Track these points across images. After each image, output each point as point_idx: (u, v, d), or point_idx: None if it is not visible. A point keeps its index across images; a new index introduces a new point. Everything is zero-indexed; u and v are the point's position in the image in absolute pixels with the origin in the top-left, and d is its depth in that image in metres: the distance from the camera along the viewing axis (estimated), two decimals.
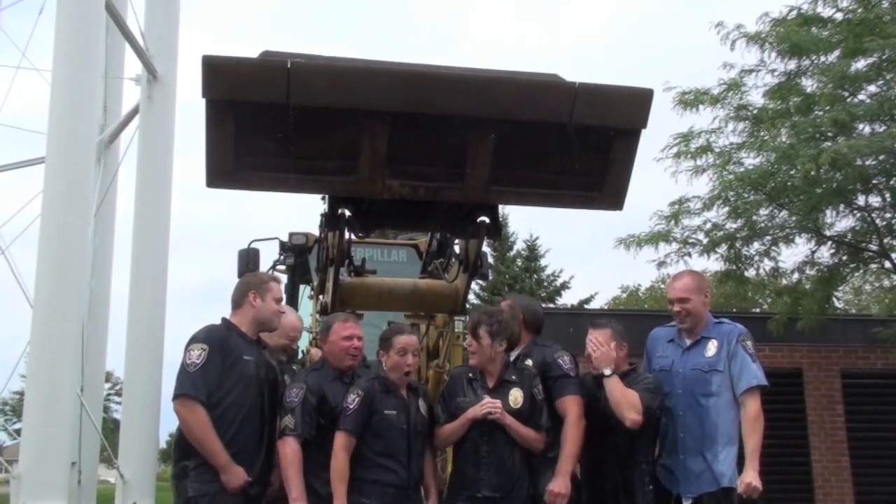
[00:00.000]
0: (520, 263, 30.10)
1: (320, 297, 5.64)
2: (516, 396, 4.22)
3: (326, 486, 4.02)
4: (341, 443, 4.03)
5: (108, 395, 39.41)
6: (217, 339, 4.09)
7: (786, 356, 12.97)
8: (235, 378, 4.06)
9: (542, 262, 30.20)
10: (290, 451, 4.04)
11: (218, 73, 3.61)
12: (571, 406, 4.35)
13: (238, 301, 4.29)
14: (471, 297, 28.62)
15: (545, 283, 29.69)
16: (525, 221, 57.31)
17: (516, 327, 4.47)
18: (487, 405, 4.15)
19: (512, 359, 4.42)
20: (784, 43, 10.06)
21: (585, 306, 27.32)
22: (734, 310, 19.11)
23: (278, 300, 4.36)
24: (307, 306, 6.87)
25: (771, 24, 10.29)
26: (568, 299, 29.54)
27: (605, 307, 29.18)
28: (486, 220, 4.45)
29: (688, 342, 4.54)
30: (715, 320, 4.61)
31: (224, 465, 3.92)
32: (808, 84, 10.46)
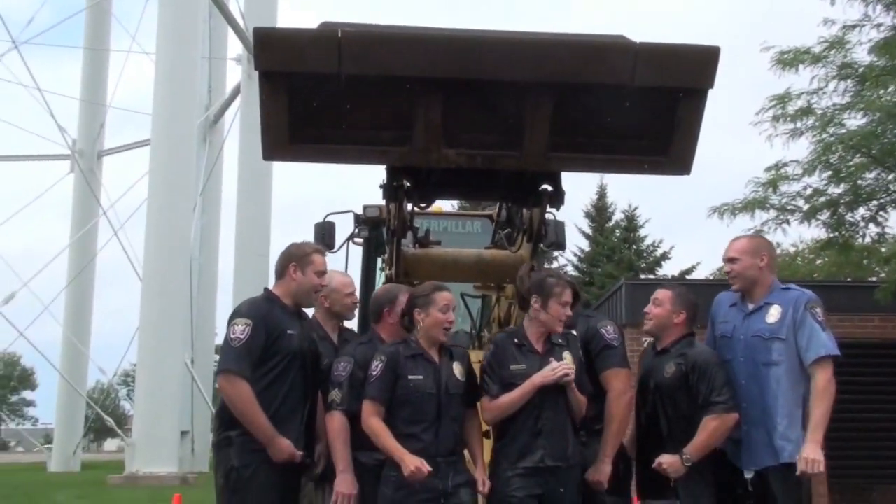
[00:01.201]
0: (618, 234, 29.64)
1: (387, 269, 5.67)
2: (568, 359, 4.09)
3: (373, 458, 3.99)
4: (369, 411, 3.92)
5: None
6: (260, 314, 4.08)
7: None
8: (279, 352, 4.05)
9: (642, 232, 29.70)
10: (337, 424, 4.02)
11: (270, 44, 3.62)
12: (614, 380, 4.20)
13: (280, 272, 4.27)
14: (569, 269, 28.51)
15: (644, 254, 29.17)
16: (624, 191, 56.52)
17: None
18: (562, 368, 3.98)
19: (576, 336, 4.28)
20: None
21: (687, 277, 26.69)
22: (849, 279, 18.32)
23: (320, 273, 4.26)
24: (382, 279, 6.92)
25: None
26: (668, 270, 28.93)
27: (711, 277, 28.40)
28: (548, 187, 4.35)
29: (750, 307, 4.33)
30: (782, 286, 4.37)
31: (270, 438, 3.93)
32: None
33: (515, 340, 4.13)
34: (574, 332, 4.24)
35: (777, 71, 10.31)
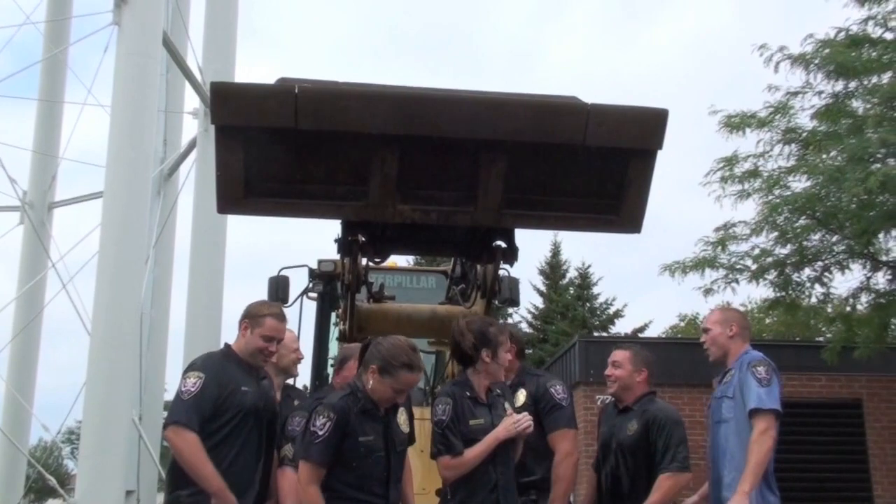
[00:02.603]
0: (572, 292, 29.85)
1: (341, 323, 5.65)
2: (509, 409, 4.05)
3: None
4: (310, 476, 3.57)
5: None
6: (214, 369, 4.05)
7: (844, 386, 12.61)
8: (231, 409, 4.00)
9: (595, 290, 29.95)
10: (289, 481, 3.97)
11: (226, 99, 3.64)
12: (562, 441, 4.23)
13: (238, 326, 4.27)
14: (523, 326, 28.56)
15: (598, 312, 29.38)
16: (578, 249, 57.09)
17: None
18: (524, 421, 3.92)
19: (508, 386, 4.29)
20: (831, 64, 9.86)
21: (639, 335, 26.92)
22: (797, 339, 18.63)
23: (267, 338, 4.21)
24: (336, 334, 6.90)
25: (817, 45, 10.09)
26: (621, 328, 29.17)
27: (663, 335, 28.70)
28: (502, 244, 4.40)
29: (722, 375, 4.54)
30: (744, 352, 4.50)
31: (217, 490, 3.86)
32: (857, 105, 10.22)
33: (468, 393, 4.04)
34: (505, 384, 4.25)
35: (724, 133, 10.65)
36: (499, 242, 4.40)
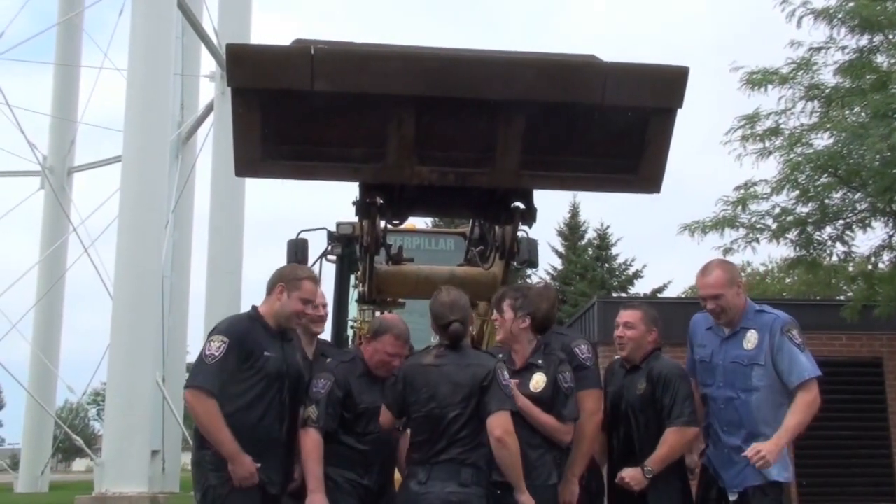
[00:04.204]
0: (591, 252, 29.79)
1: (360, 286, 5.67)
2: (538, 381, 4.10)
3: (344, 476, 4.04)
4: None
5: None
6: (238, 333, 4.06)
7: (864, 345, 12.55)
8: (254, 374, 4.02)
9: (614, 250, 29.87)
10: (310, 442, 4.01)
11: (242, 61, 3.63)
12: (587, 400, 4.22)
13: (269, 290, 4.25)
14: (542, 283, 28.51)
15: (617, 273, 29.33)
16: (596, 210, 56.80)
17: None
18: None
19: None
20: (855, 18, 9.66)
21: (659, 295, 26.88)
22: (817, 297, 18.54)
23: (305, 301, 4.23)
24: (355, 296, 6.91)
25: None
26: (640, 288, 29.11)
27: (682, 295, 28.62)
28: (521, 205, 4.38)
29: (726, 332, 4.35)
30: (756, 307, 4.37)
31: (232, 454, 3.89)
32: (882, 61, 10.03)
33: (500, 356, 4.16)
34: (561, 355, 4.24)
35: (746, 91, 10.50)
36: (517, 203, 4.38)
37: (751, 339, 4.24)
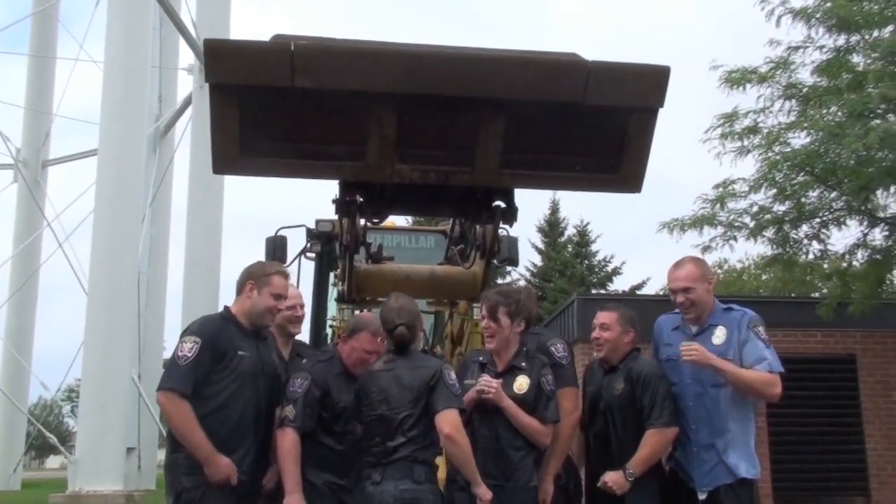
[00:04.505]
0: (570, 249, 29.88)
1: (340, 284, 5.63)
2: (521, 383, 4.10)
3: (322, 479, 4.00)
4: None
5: None
6: (210, 333, 4.01)
7: (839, 342, 12.64)
8: (228, 374, 3.97)
9: (594, 247, 29.98)
10: (287, 442, 3.96)
11: (221, 56, 3.58)
12: (563, 399, 4.23)
13: (239, 289, 4.21)
14: (521, 283, 28.63)
15: (596, 270, 29.44)
16: (576, 207, 57.03)
17: (534, 307, 4.36)
18: (482, 383, 4.05)
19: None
20: (832, 18, 9.74)
21: (637, 292, 27.00)
22: (793, 295, 18.69)
23: (276, 296, 4.20)
24: (334, 294, 6.88)
25: None
26: (619, 285, 29.26)
27: (661, 292, 28.78)
28: (501, 204, 4.37)
29: (694, 329, 4.37)
30: (723, 306, 4.42)
31: (206, 456, 3.84)
32: (859, 61, 10.12)
33: (480, 359, 4.21)
34: (543, 358, 4.26)
35: (725, 89, 10.56)
36: (498, 202, 4.36)
37: (719, 334, 4.27)
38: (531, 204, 31.78)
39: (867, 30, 9.90)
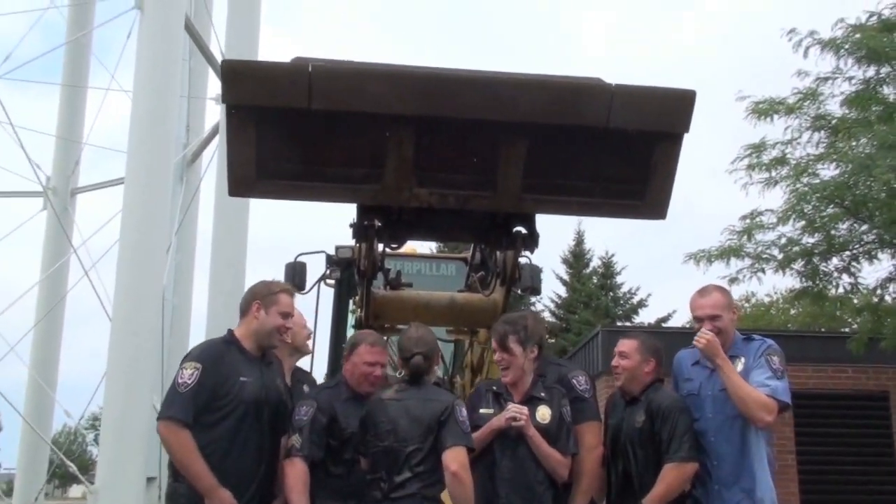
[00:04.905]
0: (595, 281, 29.68)
1: (358, 311, 5.56)
2: (544, 413, 3.98)
3: None
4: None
5: None
6: (212, 358, 3.90)
7: (871, 378, 12.39)
8: (230, 401, 3.86)
9: (619, 279, 29.76)
10: (294, 472, 3.85)
11: (238, 77, 3.55)
12: (586, 434, 4.11)
13: (244, 310, 4.10)
14: (546, 315, 28.40)
15: (621, 301, 29.19)
16: (601, 238, 56.86)
17: (543, 331, 4.25)
18: (513, 410, 3.92)
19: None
20: (862, 49, 9.62)
21: (663, 324, 26.69)
22: (823, 329, 18.38)
23: (284, 315, 4.11)
24: (353, 321, 6.80)
25: (847, 30, 9.85)
26: (645, 317, 28.94)
27: (687, 325, 28.44)
28: (522, 230, 4.28)
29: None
30: (742, 336, 4.30)
31: (208, 488, 3.72)
32: (889, 92, 9.97)
33: (494, 388, 4.09)
34: (561, 389, 4.15)
35: (752, 120, 10.44)
36: (519, 228, 4.28)
37: (739, 366, 4.14)
38: (556, 235, 31.62)
39: None
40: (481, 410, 4.02)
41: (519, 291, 5.61)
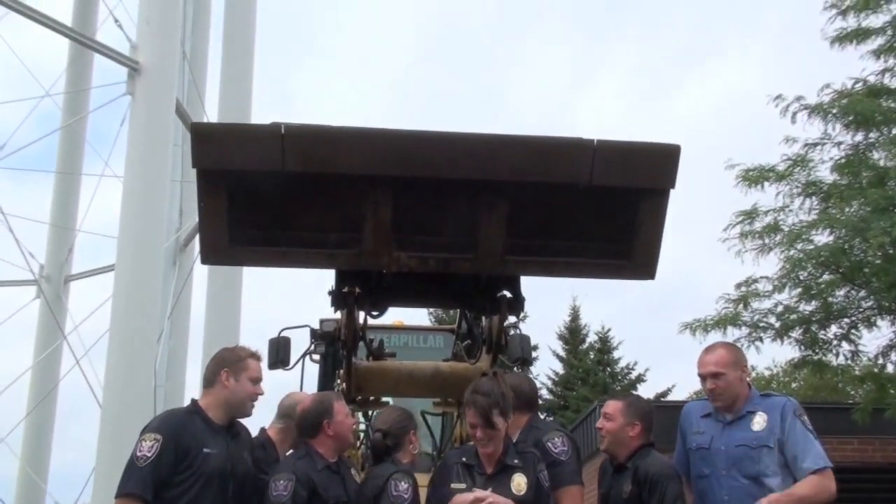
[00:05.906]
0: (592, 356, 29.37)
1: (341, 384, 5.37)
2: (519, 482, 3.74)
3: None
4: None
5: None
6: (172, 429, 3.73)
7: (878, 450, 12.08)
8: (191, 475, 3.67)
9: (616, 354, 29.47)
10: None
11: (208, 140, 3.44)
12: (565, 500, 3.91)
13: (210, 380, 3.93)
14: (542, 392, 27.96)
15: (619, 377, 28.83)
16: (597, 313, 56.65)
17: (526, 386, 4.23)
18: (477, 494, 3.67)
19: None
20: (849, 114, 9.65)
21: (663, 399, 26.27)
22: (826, 401, 18.10)
23: (255, 381, 3.95)
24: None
25: (834, 95, 9.91)
26: (644, 392, 28.49)
27: (688, 399, 28.01)
28: (507, 293, 4.13)
29: (728, 417, 4.07)
30: (760, 393, 4.15)
31: None
32: (879, 157, 9.97)
33: (464, 459, 3.85)
34: (537, 452, 3.94)
35: (742, 187, 10.42)
36: (503, 292, 4.13)
37: (759, 420, 3.98)
38: (551, 311, 31.47)
39: (886, 126, 9.79)
40: (452, 485, 3.77)
41: (508, 363, 5.42)
